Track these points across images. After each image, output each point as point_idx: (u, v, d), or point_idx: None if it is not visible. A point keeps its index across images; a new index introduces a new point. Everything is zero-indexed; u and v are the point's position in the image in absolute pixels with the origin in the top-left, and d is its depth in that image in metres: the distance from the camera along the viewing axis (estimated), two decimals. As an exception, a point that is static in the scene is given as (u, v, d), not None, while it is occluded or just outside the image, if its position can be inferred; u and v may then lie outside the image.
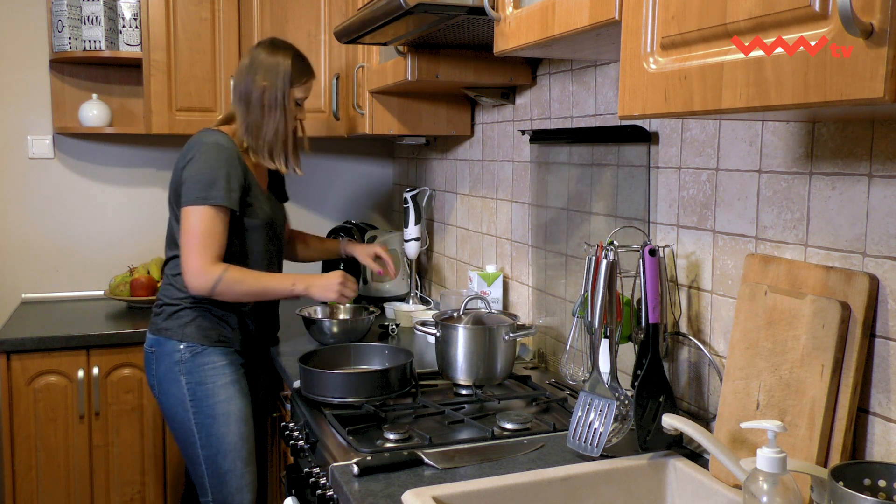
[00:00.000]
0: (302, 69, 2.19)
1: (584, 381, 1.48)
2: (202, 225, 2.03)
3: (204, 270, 2.03)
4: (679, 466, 1.37)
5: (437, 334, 1.90)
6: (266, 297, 2.18)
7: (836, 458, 1.14)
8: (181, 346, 2.12)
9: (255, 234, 2.17)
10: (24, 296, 3.11)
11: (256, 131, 2.15)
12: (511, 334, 1.87)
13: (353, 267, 2.94)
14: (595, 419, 1.43)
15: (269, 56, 2.16)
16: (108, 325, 2.74)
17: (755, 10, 0.85)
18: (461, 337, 1.85)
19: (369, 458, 1.42)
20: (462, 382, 1.87)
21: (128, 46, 2.91)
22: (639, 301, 1.46)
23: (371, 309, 2.52)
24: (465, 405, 1.77)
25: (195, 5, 2.86)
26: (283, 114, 2.15)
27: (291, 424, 1.88)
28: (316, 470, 1.60)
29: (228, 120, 2.23)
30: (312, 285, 2.16)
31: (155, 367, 2.17)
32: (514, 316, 1.96)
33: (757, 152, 1.37)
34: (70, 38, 2.86)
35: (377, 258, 2.50)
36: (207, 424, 2.12)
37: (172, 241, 2.18)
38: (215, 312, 2.15)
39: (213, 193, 2.03)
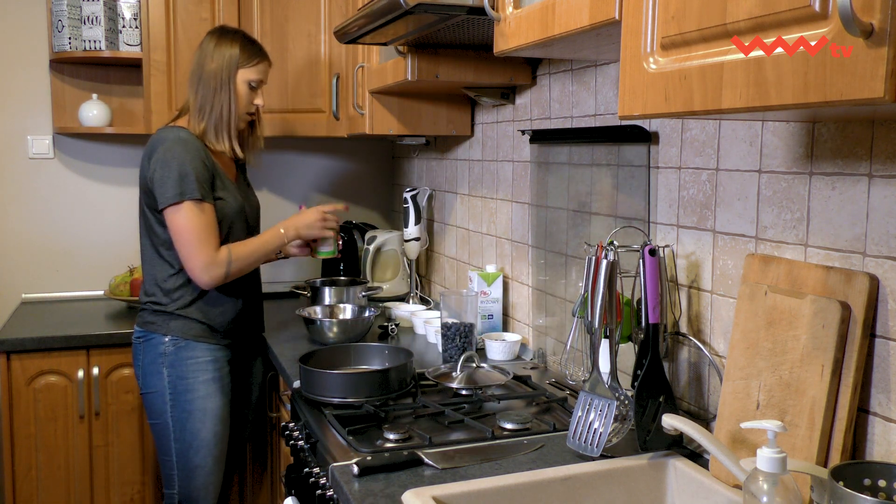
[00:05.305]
0: (251, 52, 2.25)
1: (584, 381, 1.48)
2: (190, 222, 2.07)
3: (211, 262, 2.09)
4: (679, 466, 1.37)
5: None
6: (268, 256, 2.25)
7: (836, 458, 1.14)
8: (166, 339, 2.17)
9: (230, 223, 2.20)
10: (24, 296, 3.11)
11: (205, 111, 2.20)
12: None
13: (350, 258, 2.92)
14: (595, 419, 1.43)
15: (218, 40, 2.23)
16: (108, 325, 2.74)
17: (755, 10, 0.85)
18: None
19: (369, 458, 1.42)
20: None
21: (128, 46, 2.91)
22: (639, 301, 1.46)
23: (371, 309, 2.52)
24: (465, 405, 1.76)
25: (195, 5, 2.86)
26: (230, 94, 2.20)
27: (291, 424, 1.88)
28: (316, 470, 1.60)
29: (182, 114, 2.27)
30: (298, 227, 2.25)
31: (141, 357, 2.22)
32: (506, 372, 1.87)
33: (757, 152, 1.37)
34: (70, 38, 2.86)
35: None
36: (183, 419, 2.17)
37: (152, 242, 2.20)
38: (200, 308, 2.19)
39: (187, 188, 2.06)
